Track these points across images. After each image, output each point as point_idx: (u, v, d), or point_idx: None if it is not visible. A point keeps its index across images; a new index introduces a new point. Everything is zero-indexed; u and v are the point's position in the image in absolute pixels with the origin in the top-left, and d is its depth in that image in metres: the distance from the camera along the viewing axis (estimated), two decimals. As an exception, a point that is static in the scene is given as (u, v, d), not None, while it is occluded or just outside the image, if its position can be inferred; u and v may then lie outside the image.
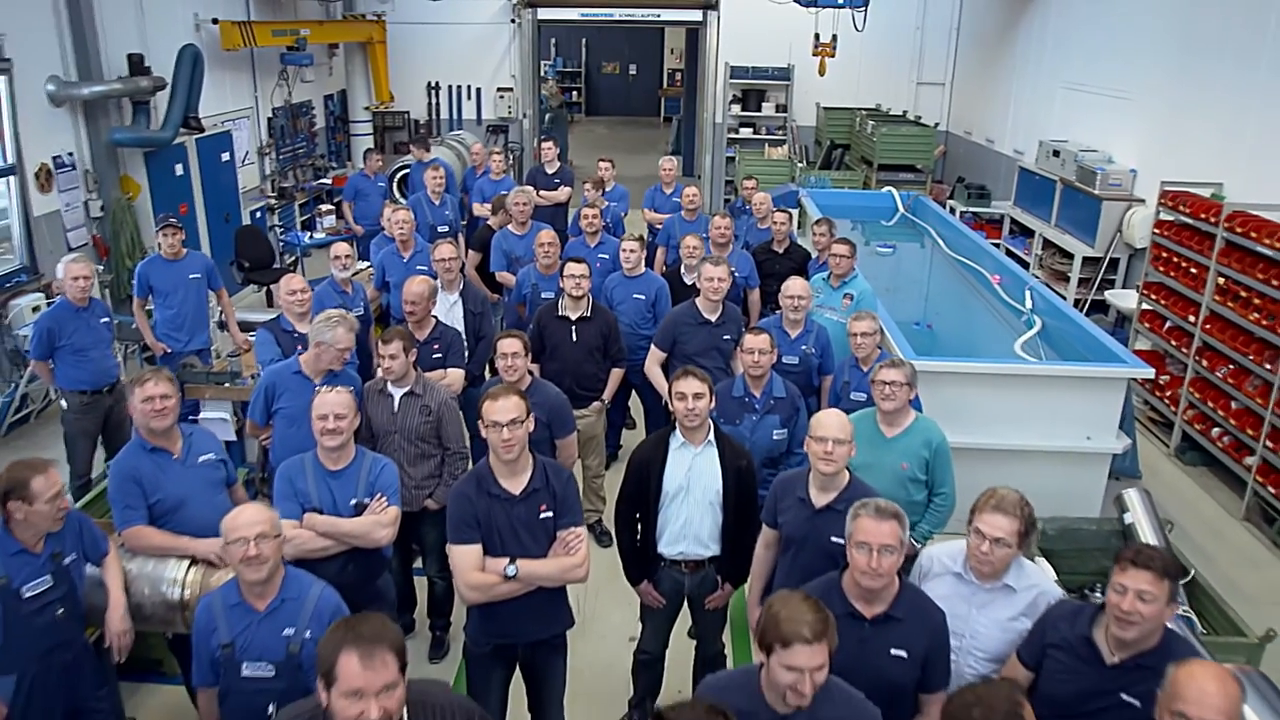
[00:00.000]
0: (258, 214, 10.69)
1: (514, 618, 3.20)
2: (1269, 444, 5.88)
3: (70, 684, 3.19)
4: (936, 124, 12.98)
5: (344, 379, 4.27)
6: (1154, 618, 2.45)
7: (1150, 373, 5.47)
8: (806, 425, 3.48)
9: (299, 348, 4.78)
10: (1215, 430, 6.50)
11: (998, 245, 9.74)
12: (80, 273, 5.33)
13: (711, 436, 3.63)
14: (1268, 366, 5.90)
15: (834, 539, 3.05)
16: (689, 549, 3.64)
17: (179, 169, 9.13)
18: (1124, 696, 2.47)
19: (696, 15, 14.21)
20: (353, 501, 3.54)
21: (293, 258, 10.19)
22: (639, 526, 3.71)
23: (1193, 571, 4.37)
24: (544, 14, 14.46)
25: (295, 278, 5.19)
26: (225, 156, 9.99)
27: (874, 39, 12.18)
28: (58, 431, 7.02)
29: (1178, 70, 7.96)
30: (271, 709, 2.67)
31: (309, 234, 10.14)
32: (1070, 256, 8.79)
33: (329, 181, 12.39)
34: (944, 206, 10.79)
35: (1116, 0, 9.10)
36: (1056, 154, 9.48)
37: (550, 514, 3.18)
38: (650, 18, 15.20)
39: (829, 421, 3.23)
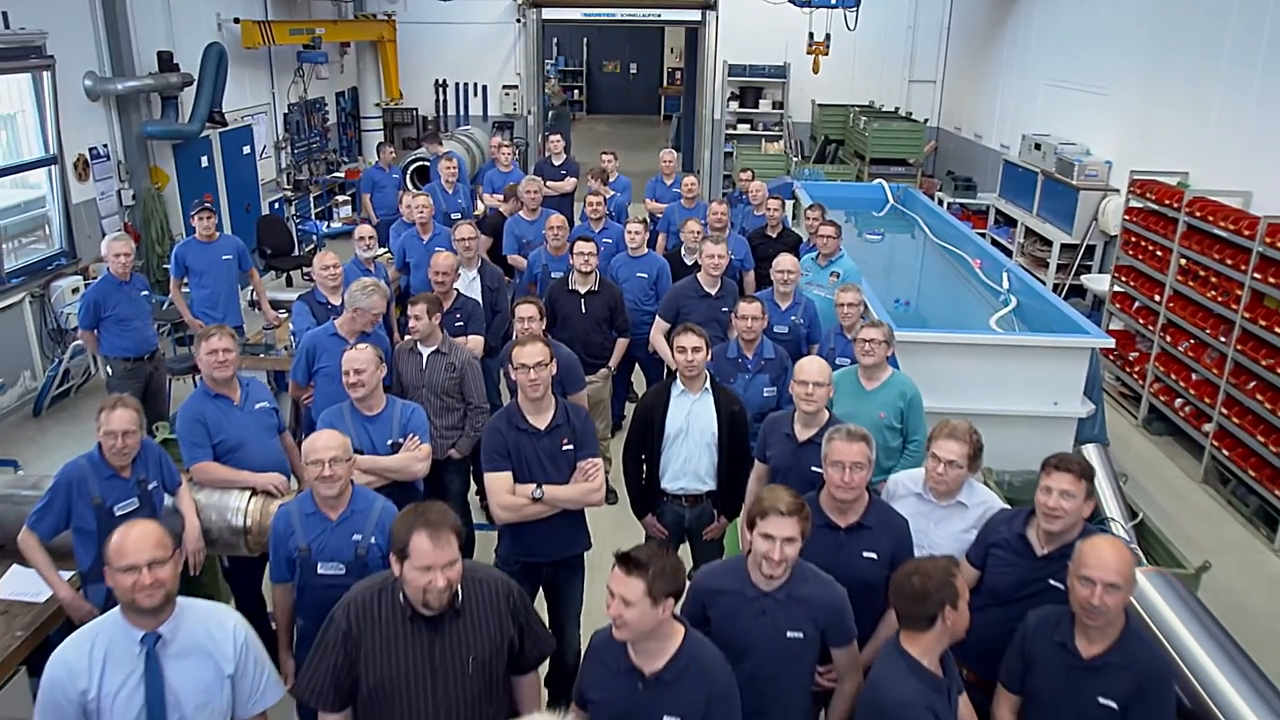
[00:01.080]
0: (276, 205, 11.18)
1: (539, 538, 3.68)
2: (1224, 411, 6.37)
3: (150, 594, 3.66)
4: (925, 120, 13.47)
5: (374, 339, 4.74)
6: (1074, 512, 2.93)
7: (1110, 342, 5.94)
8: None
9: (331, 316, 5.26)
10: (1178, 401, 6.99)
11: (983, 234, 10.21)
12: (122, 249, 5.80)
13: (708, 385, 4.12)
14: (1223, 340, 6.39)
15: (814, 469, 3.52)
16: (688, 484, 4.12)
17: (204, 161, 9.61)
18: (1051, 582, 2.94)
19: (695, 15, 14.68)
20: (389, 442, 4.00)
21: (310, 246, 10.67)
22: (644, 466, 4.20)
23: (1141, 515, 4.86)
24: (548, 14, 14.92)
25: (328, 254, 5.68)
26: (246, 150, 10.47)
27: (867, 38, 12.68)
28: (98, 404, 7.51)
29: (1149, 66, 8.46)
30: None
31: (326, 223, 10.62)
32: (1050, 244, 9.28)
33: (342, 175, 12.90)
34: (933, 198, 11.27)
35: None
36: (1038, 147, 9.97)
37: (571, 447, 3.67)
38: (651, 17, 15.68)
39: (809, 367, 3.72)
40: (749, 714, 2.68)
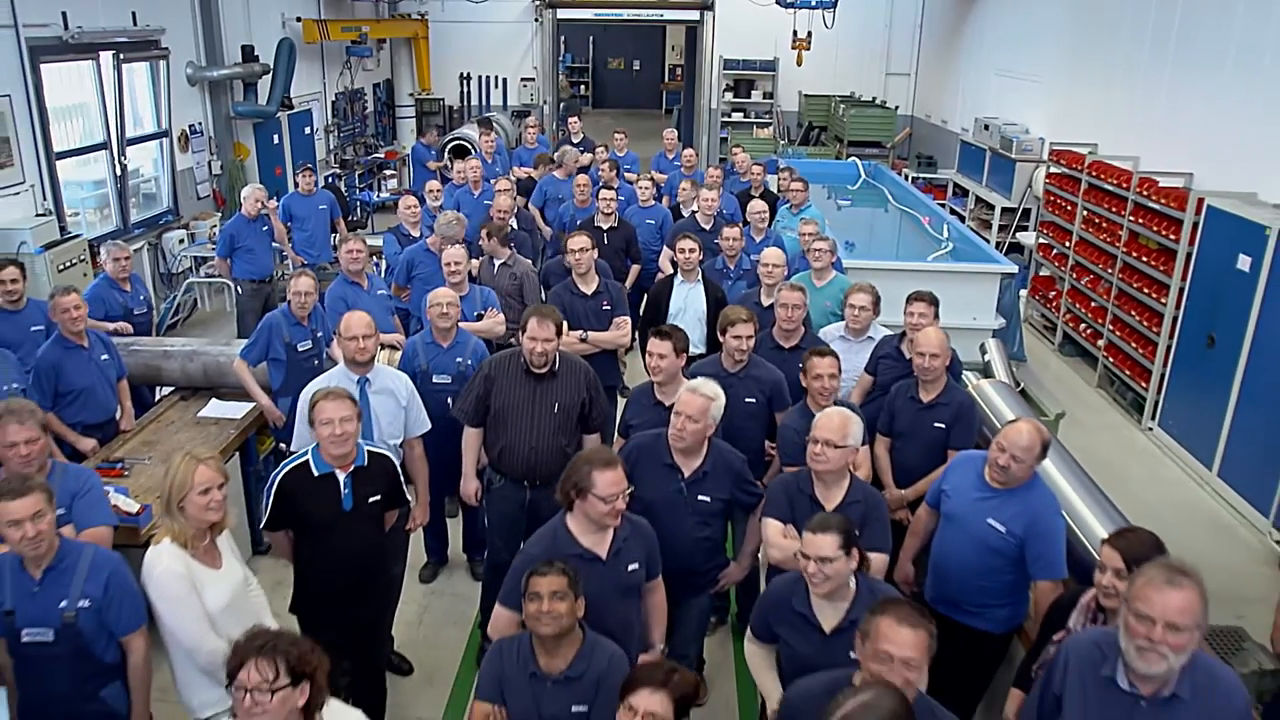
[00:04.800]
0: (330, 179, 12.86)
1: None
2: (1111, 328, 8.05)
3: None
4: (896, 107, 15.16)
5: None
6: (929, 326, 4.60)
7: (1013, 268, 7.60)
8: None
9: (411, 244, 6.95)
10: (1082, 326, 8.67)
11: (943, 204, 11.88)
12: (257, 195, 7.50)
13: (700, 278, 5.79)
14: (1110, 271, 8.06)
15: (771, 331, 5.18)
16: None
17: (275, 138, 11.30)
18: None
19: (695, 15, 16.35)
20: (475, 313, 5.68)
21: (365, 214, 12.39)
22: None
23: (1022, 385, 6.53)
24: (562, 13, 16.59)
25: (410, 197, 7.38)
26: (307, 130, 12.16)
27: (849, 35, 14.35)
28: (201, 335, 9.20)
29: (1071, 54, 10.16)
30: (450, 400, 4.75)
31: (376, 194, 12.34)
32: (993, 208, 10.96)
33: (381, 156, 14.58)
34: (900, 174, 12.95)
35: None
36: (987, 128, 11.64)
37: (609, 307, 5.38)
38: (654, 16, 17.36)
39: (770, 252, 5.41)
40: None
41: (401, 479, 3.82)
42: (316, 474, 3.54)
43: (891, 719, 1.98)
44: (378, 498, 3.68)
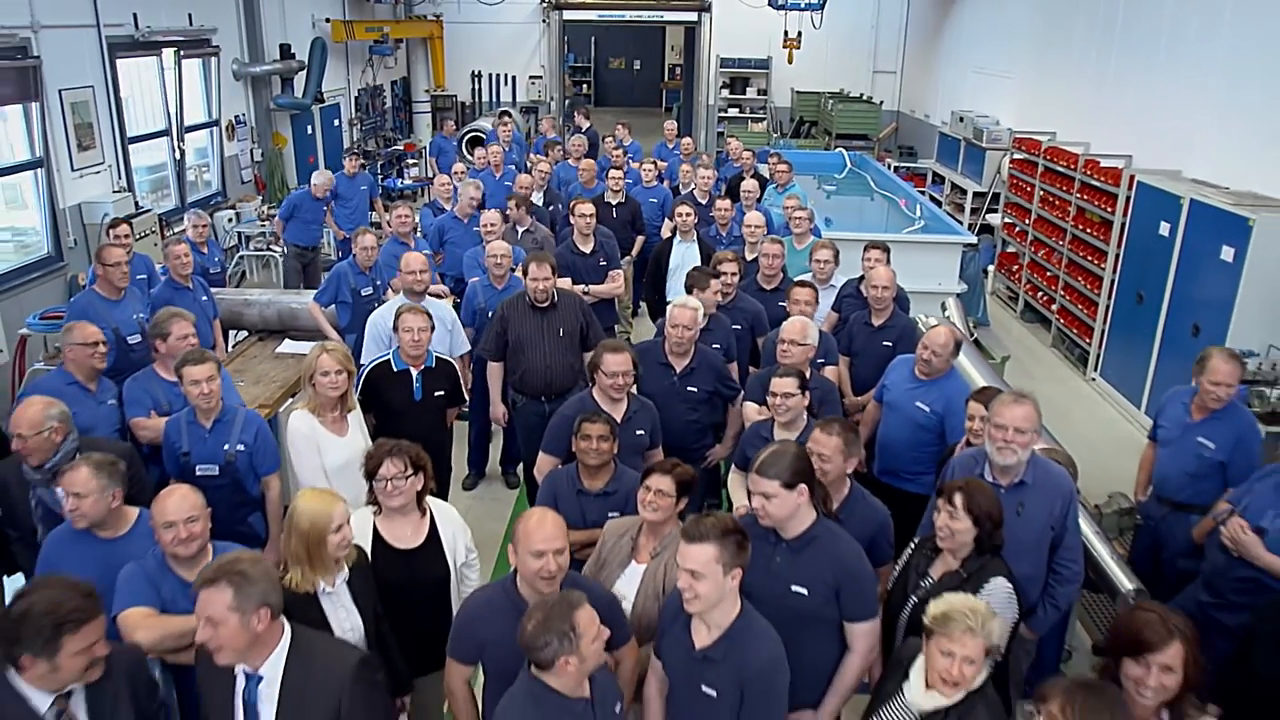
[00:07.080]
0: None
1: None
2: (1062, 293, 9.08)
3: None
4: (882, 102, 16.20)
5: (473, 220, 7.43)
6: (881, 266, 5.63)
7: (974, 241, 8.64)
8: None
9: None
10: (1039, 294, 9.70)
11: (923, 191, 12.91)
12: (327, 178, 8.57)
13: (695, 238, 6.82)
14: (1061, 243, 9.09)
15: (756, 277, 6.20)
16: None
17: (309, 129, 12.32)
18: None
19: (693, 16, 17.38)
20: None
21: (392, 199, 13.42)
22: (656, 292, 6.90)
23: (974, 336, 7.55)
24: (568, 14, 17.62)
25: (443, 176, 8.40)
26: (336, 122, 13.19)
27: (838, 35, 15.38)
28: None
29: (1036, 52, 11.20)
30: None
31: (400, 180, 13.38)
32: (965, 192, 12.00)
33: (400, 148, 15.60)
34: (884, 164, 13.97)
35: (1003, 2, 12.37)
36: (962, 120, 12.68)
37: (605, 264, 6.39)
38: (654, 17, 18.41)
39: (750, 215, 6.45)
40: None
41: (461, 381, 4.85)
42: (395, 369, 4.58)
43: (796, 459, 2.97)
44: (441, 393, 4.73)
